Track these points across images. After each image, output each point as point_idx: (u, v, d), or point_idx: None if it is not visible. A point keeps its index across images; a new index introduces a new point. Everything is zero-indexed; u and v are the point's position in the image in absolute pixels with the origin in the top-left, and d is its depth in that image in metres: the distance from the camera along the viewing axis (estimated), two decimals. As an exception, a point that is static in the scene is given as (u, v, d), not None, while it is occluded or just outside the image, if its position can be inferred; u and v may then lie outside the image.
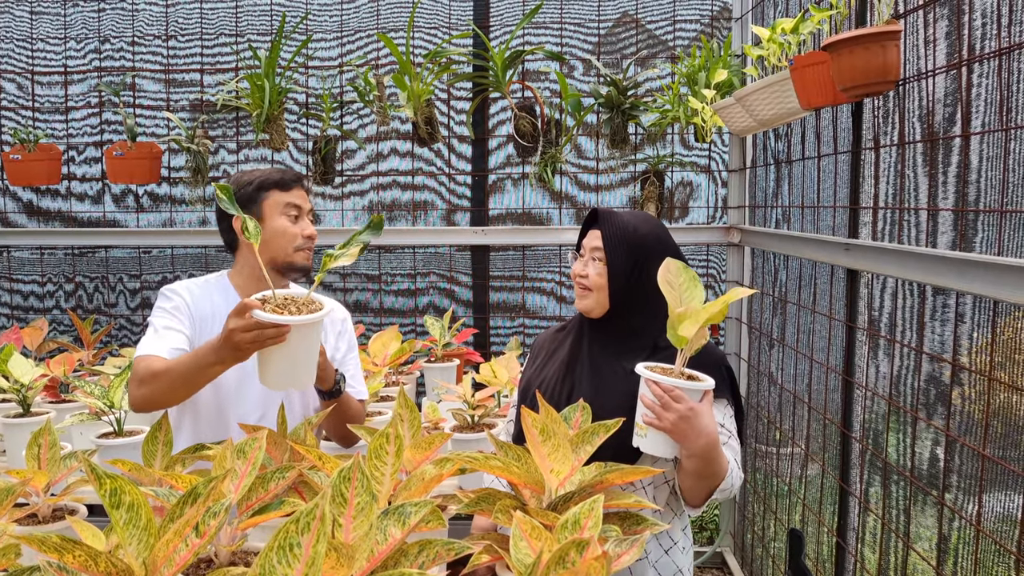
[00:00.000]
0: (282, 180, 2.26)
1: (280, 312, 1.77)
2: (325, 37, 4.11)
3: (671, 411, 1.66)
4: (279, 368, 1.82)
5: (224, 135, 4.19)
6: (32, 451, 1.88)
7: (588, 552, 1.05)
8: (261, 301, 1.80)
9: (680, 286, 1.75)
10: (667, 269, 1.77)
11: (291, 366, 1.82)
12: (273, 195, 2.24)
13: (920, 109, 2.16)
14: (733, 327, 3.97)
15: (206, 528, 1.27)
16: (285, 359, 1.80)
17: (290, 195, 2.25)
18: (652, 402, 1.69)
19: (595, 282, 1.96)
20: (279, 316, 1.74)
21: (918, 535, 2.26)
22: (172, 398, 2.03)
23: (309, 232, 2.26)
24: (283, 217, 2.23)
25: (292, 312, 1.78)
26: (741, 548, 3.93)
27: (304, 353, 1.82)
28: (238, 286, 2.30)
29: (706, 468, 1.73)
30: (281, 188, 2.25)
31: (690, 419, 1.66)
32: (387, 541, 1.26)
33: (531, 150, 3.64)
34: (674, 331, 1.70)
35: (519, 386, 2.14)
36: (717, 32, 3.97)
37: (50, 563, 1.22)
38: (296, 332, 1.77)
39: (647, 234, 2.00)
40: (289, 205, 2.24)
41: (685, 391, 1.68)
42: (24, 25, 4.24)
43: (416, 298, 4.28)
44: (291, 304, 1.83)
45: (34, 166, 3.89)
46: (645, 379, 1.72)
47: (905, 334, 2.29)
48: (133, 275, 4.32)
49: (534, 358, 2.16)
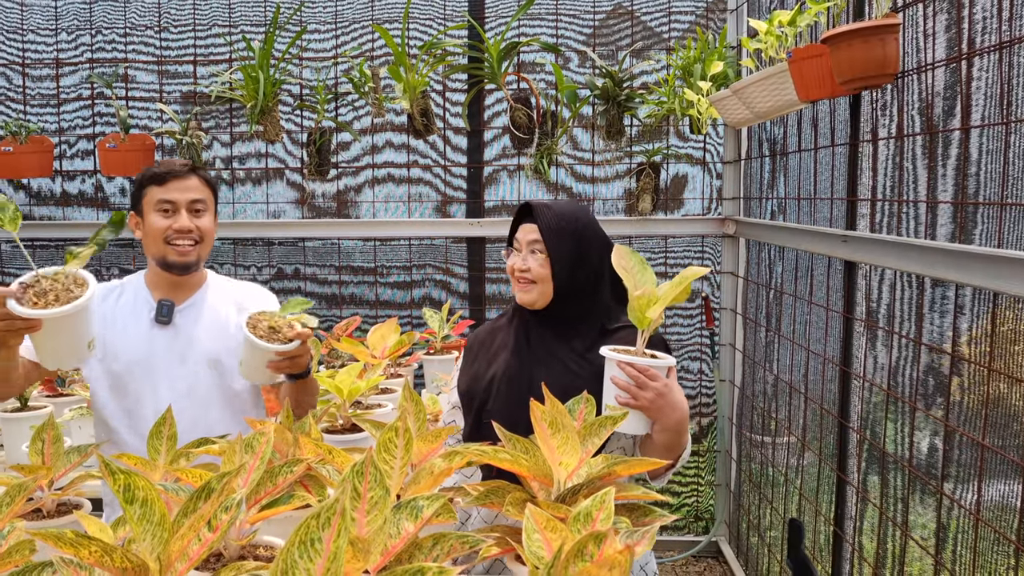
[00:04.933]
0: (156, 175, 2.25)
1: (37, 300, 1.78)
2: (320, 28, 4.09)
3: (648, 390, 1.74)
4: (44, 350, 1.88)
5: (218, 127, 4.18)
6: (36, 446, 1.88)
7: (606, 545, 1.06)
8: (24, 287, 1.80)
9: (632, 269, 1.80)
10: (619, 255, 1.82)
11: (56, 347, 1.88)
12: (150, 191, 2.25)
13: (919, 102, 2.17)
14: (728, 318, 3.99)
15: (218, 523, 1.27)
16: (47, 341, 1.85)
17: (164, 189, 2.24)
18: (627, 383, 1.75)
19: (538, 274, 1.98)
20: (27, 310, 1.75)
21: (916, 524, 2.28)
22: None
23: (179, 226, 2.23)
24: (156, 213, 2.24)
25: (51, 298, 1.79)
26: (736, 537, 3.96)
27: (67, 336, 1.86)
28: (148, 283, 2.34)
29: (676, 440, 1.81)
30: (157, 183, 2.25)
31: (666, 395, 1.74)
32: (400, 535, 1.27)
33: (527, 142, 3.64)
34: (639, 313, 1.76)
35: (458, 386, 2.12)
36: (712, 23, 3.98)
37: (64, 559, 1.22)
38: (52, 321, 1.79)
39: (586, 223, 2.04)
40: (162, 201, 2.24)
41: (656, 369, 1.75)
42: (14, 16, 4.21)
43: (412, 290, 4.28)
44: (55, 288, 1.83)
45: (25, 159, 3.86)
46: (617, 361, 1.77)
47: (903, 325, 2.31)
48: (126, 269, 4.31)
49: (472, 357, 2.14)
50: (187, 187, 2.25)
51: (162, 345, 2.27)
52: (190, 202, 2.25)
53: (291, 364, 2.05)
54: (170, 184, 2.24)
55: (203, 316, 2.32)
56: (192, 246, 2.25)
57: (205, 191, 2.29)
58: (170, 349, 2.27)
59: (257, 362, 2.03)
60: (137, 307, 2.30)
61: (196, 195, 2.26)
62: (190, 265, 2.27)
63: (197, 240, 2.26)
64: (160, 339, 2.27)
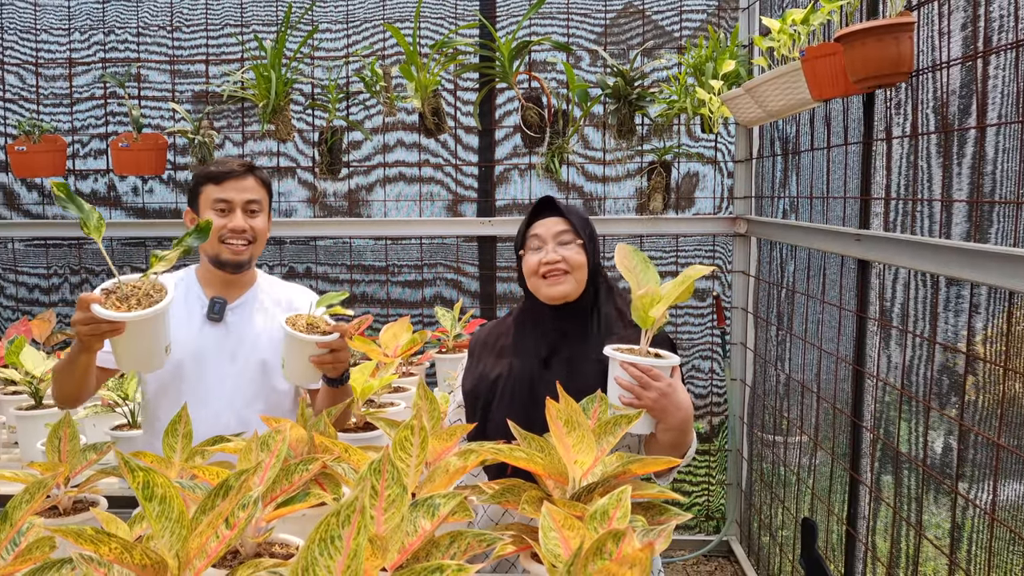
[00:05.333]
0: (213, 174, 2.28)
1: (120, 305, 1.84)
2: (331, 27, 4.10)
3: (651, 390, 1.74)
4: (124, 353, 1.94)
5: (229, 126, 4.19)
6: (52, 443, 1.89)
7: (624, 543, 1.06)
8: (106, 292, 1.87)
9: (635, 269, 1.80)
10: (622, 254, 1.82)
11: (135, 352, 1.94)
12: (207, 189, 2.28)
13: (934, 100, 2.17)
14: (739, 317, 3.98)
15: (236, 520, 1.28)
16: (128, 346, 1.91)
17: (221, 189, 2.27)
18: (630, 383, 1.75)
19: (575, 262, 1.98)
20: (113, 313, 1.81)
21: (930, 524, 2.28)
22: (68, 391, 2.14)
23: (233, 225, 2.26)
24: (212, 212, 2.26)
25: (133, 302, 1.85)
26: (748, 537, 3.95)
27: (145, 340, 1.91)
28: (200, 278, 2.37)
29: (680, 439, 1.82)
30: (214, 182, 2.28)
31: (669, 395, 1.75)
32: (417, 533, 1.27)
33: (538, 141, 3.63)
34: (642, 312, 1.76)
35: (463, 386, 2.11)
36: (724, 22, 3.97)
37: (83, 555, 1.23)
38: (133, 325, 1.84)
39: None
40: (218, 200, 2.26)
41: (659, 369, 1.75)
42: (28, 16, 4.23)
43: (423, 289, 4.28)
44: (136, 294, 1.89)
45: (39, 158, 3.88)
46: (620, 361, 1.77)
47: (917, 324, 2.30)
48: (139, 267, 4.32)
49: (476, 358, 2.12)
50: (243, 187, 2.28)
51: (213, 342, 2.30)
52: (245, 202, 2.28)
53: (333, 359, 2.07)
54: (227, 184, 2.27)
55: (254, 315, 2.35)
56: (245, 246, 2.28)
57: (261, 191, 2.32)
58: (220, 347, 2.29)
59: (298, 358, 2.06)
60: (189, 302, 2.33)
61: (252, 195, 2.29)
62: (242, 264, 2.30)
63: (250, 240, 2.29)
64: (211, 336, 2.30)
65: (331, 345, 2.05)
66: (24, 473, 1.85)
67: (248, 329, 2.33)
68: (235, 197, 2.27)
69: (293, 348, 2.06)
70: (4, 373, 3.04)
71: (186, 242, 1.89)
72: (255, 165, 2.35)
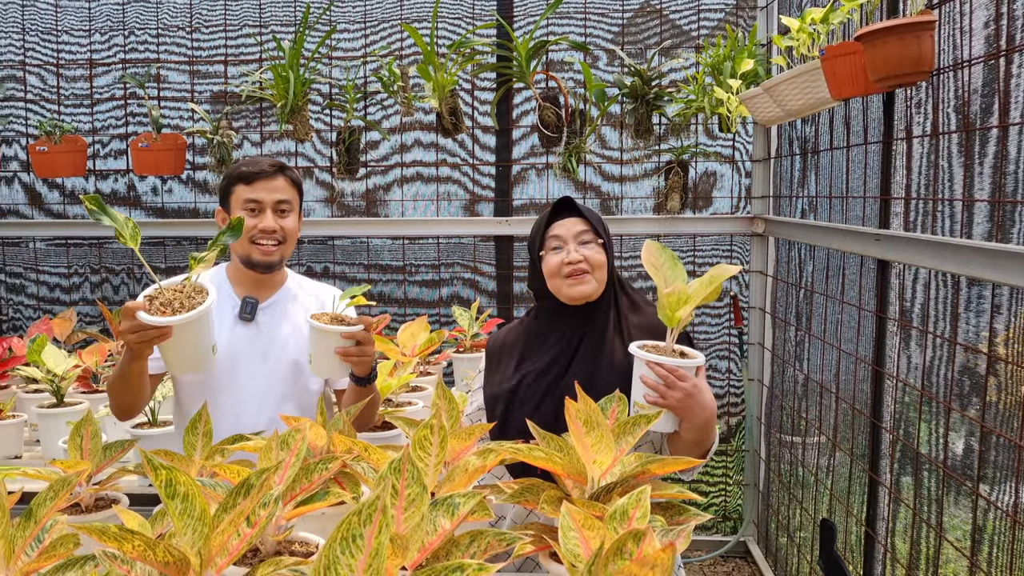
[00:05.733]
0: (245, 174, 2.28)
1: (164, 309, 1.87)
2: (349, 27, 4.12)
3: (677, 390, 1.73)
4: (173, 357, 1.98)
5: (248, 126, 4.21)
6: (75, 441, 1.90)
7: (645, 543, 1.06)
8: (149, 299, 1.90)
9: (663, 267, 1.79)
10: (649, 251, 1.81)
11: (183, 355, 1.97)
12: (238, 189, 2.28)
13: (956, 99, 2.15)
14: (757, 317, 3.96)
15: (257, 519, 1.29)
16: (176, 349, 1.95)
17: (251, 189, 2.27)
18: (656, 382, 1.75)
19: (596, 261, 1.98)
20: (158, 318, 1.84)
21: (950, 526, 2.26)
22: (126, 401, 2.17)
23: (263, 226, 2.26)
24: (242, 212, 2.27)
25: (177, 306, 1.89)
26: (765, 537, 3.94)
27: (192, 342, 1.95)
28: (230, 277, 2.38)
29: (703, 436, 1.81)
30: (244, 182, 2.28)
31: (695, 395, 1.74)
32: (437, 532, 1.27)
33: (555, 140, 3.63)
34: (668, 311, 1.75)
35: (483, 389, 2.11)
36: (742, 21, 3.96)
37: (106, 552, 1.24)
38: (179, 328, 1.88)
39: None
40: (249, 200, 2.27)
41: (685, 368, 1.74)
42: (49, 17, 4.27)
43: (440, 289, 4.29)
44: (179, 298, 1.92)
45: (60, 158, 3.91)
46: (646, 361, 1.76)
47: (938, 325, 2.29)
48: (157, 267, 4.35)
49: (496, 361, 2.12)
50: (274, 187, 2.28)
51: (244, 342, 2.30)
52: (276, 202, 2.29)
53: (359, 352, 2.07)
54: (257, 184, 2.27)
55: (285, 315, 2.36)
56: (275, 246, 2.29)
57: (291, 192, 2.32)
58: (252, 346, 2.30)
59: (325, 350, 2.07)
60: (220, 302, 2.33)
61: (282, 196, 2.29)
62: (272, 265, 2.32)
63: (280, 240, 2.30)
64: (243, 336, 2.31)
65: (356, 336, 2.06)
66: (47, 471, 1.86)
67: (279, 329, 2.34)
68: (265, 197, 2.27)
69: (319, 341, 2.08)
70: (26, 371, 3.07)
71: (221, 241, 1.91)
72: (286, 165, 2.34)
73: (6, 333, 4.28)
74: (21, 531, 1.35)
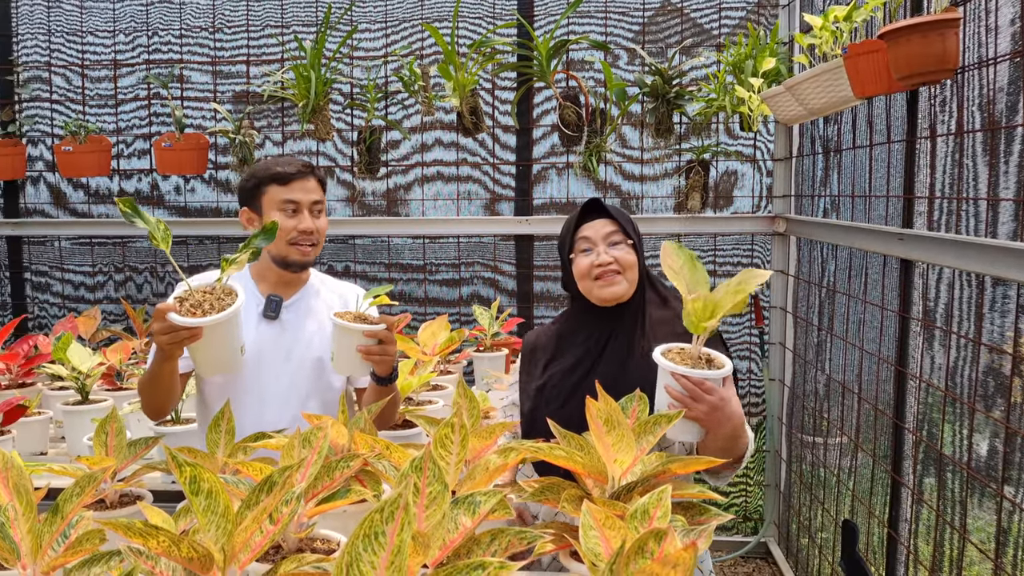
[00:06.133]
0: (280, 175, 2.27)
1: (194, 311, 1.89)
2: (370, 27, 4.13)
3: (703, 403, 1.68)
4: (203, 358, 2.00)
5: (269, 126, 4.24)
6: (100, 438, 1.93)
7: (666, 542, 1.06)
8: (179, 300, 1.92)
9: (681, 270, 1.73)
10: (667, 253, 1.75)
11: (214, 356, 2.00)
12: (272, 190, 2.27)
13: (980, 97, 2.13)
14: (778, 316, 3.94)
15: (279, 516, 1.30)
16: (207, 351, 1.97)
17: (288, 189, 2.27)
18: (681, 394, 1.69)
19: (627, 262, 1.97)
20: (189, 319, 1.87)
21: (974, 528, 2.24)
22: (158, 401, 2.19)
23: (304, 227, 2.27)
24: (279, 213, 2.26)
25: (207, 307, 1.91)
26: (786, 538, 3.92)
27: (222, 343, 1.97)
28: (254, 275, 2.38)
29: (731, 444, 1.78)
30: (280, 183, 2.27)
31: (721, 408, 1.69)
32: (458, 530, 1.28)
33: (575, 140, 3.63)
34: (695, 319, 1.70)
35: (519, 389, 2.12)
36: (763, 19, 3.94)
37: (131, 548, 1.26)
38: (209, 329, 1.90)
39: None
40: (287, 201, 2.26)
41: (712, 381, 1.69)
42: (74, 18, 4.31)
43: (460, 288, 4.30)
44: (208, 299, 1.94)
45: (85, 158, 3.96)
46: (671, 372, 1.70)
47: (962, 325, 2.27)
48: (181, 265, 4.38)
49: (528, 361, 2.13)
50: (308, 188, 2.29)
51: (269, 340, 2.31)
52: (312, 203, 2.30)
53: (381, 351, 2.08)
54: (294, 184, 2.27)
55: (309, 313, 2.37)
56: (312, 247, 2.31)
57: (320, 192, 2.34)
58: (276, 345, 2.31)
59: (347, 348, 2.09)
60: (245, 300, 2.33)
61: (316, 196, 2.31)
62: (308, 265, 2.34)
63: (316, 241, 2.31)
64: (267, 334, 2.32)
65: (378, 335, 2.07)
66: (73, 467, 1.89)
67: (303, 327, 2.34)
68: (302, 198, 2.28)
69: (341, 338, 2.09)
70: (51, 369, 3.10)
71: (254, 244, 1.92)
72: (314, 165, 2.36)
73: (32, 331, 4.33)
74: (48, 527, 1.36)
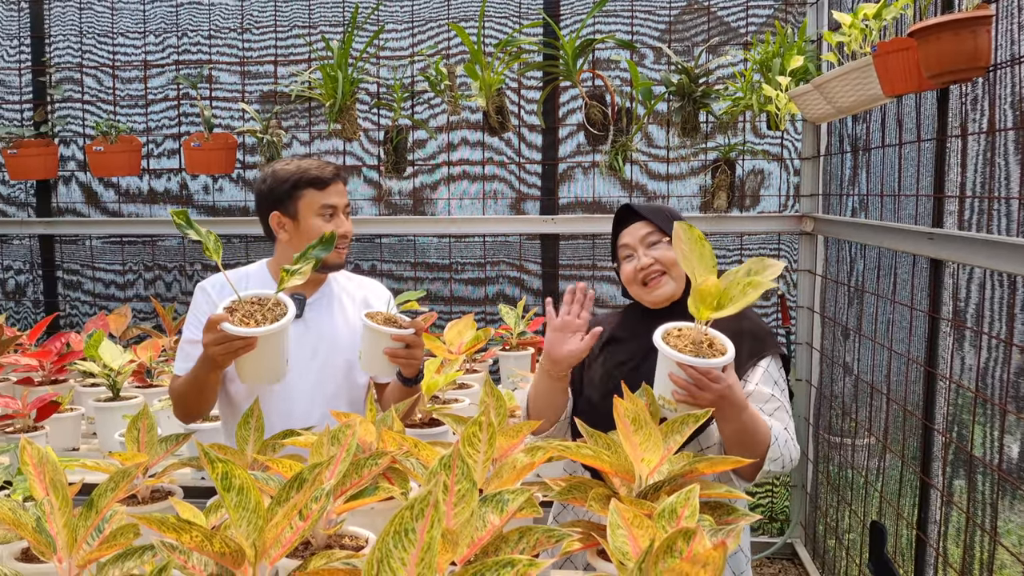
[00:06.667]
0: (318, 179, 2.28)
1: (247, 320, 1.90)
2: (396, 27, 4.15)
3: (708, 391, 1.67)
4: (252, 368, 2.01)
5: (297, 125, 4.27)
6: (132, 434, 1.95)
7: (695, 542, 1.06)
8: (230, 310, 1.93)
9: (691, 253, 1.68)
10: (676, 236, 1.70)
11: (262, 366, 2.01)
12: (309, 194, 2.28)
13: (1012, 95, 2.11)
14: (805, 316, 3.92)
15: (309, 512, 1.31)
16: (256, 361, 1.98)
17: (325, 194, 2.28)
18: (687, 382, 1.67)
19: (668, 259, 1.96)
20: (245, 329, 1.88)
21: (1005, 530, 2.22)
22: (198, 406, 2.23)
23: (343, 230, 2.29)
24: (318, 218, 2.28)
25: (259, 317, 1.92)
26: (813, 539, 3.89)
27: (272, 354, 1.98)
28: (274, 273, 2.38)
29: (747, 435, 1.76)
30: (317, 187, 2.28)
31: (727, 396, 1.68)
32: (486, 528, 1.29)
33: (601, 139, 3.63)
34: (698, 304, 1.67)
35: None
36: (791, 17, 3.92)
37: (164, 542, 1.28)
38: (263, 339, 1.91)
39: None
40: (325, 206, 2.28)
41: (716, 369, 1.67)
42: (105, 20, 4.37)
43: (485, 287, 4.31)
44: (259, 309, 1.96)
45: (115, 158, 4.01)
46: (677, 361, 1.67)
47: (993, 325, 2.24)
48: (208, 264, 4.43)
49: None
50: (341, 192, 2.33)
51: (294, 338, 2.30)
52: (345, 206, 2.34)
53: (408, 355, 2.10)
54: (331, 189, 2.30)
55: (333, 311, 2.39)
56: (346, 248, 2.35)
57: (347, 194, 2.38)
58: (301, 343, 2.32)
59: (374, 349, 2.11)
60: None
61: (346, 199, 2.36)
62: (343, 266, 2.38)
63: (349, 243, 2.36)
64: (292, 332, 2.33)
65: (406, 339, 2.09)
66: (105, 463, 1.91)
67: (327, 324, 2.36)
68: (339, 202, 2.31)
69: (370, 339, 2.11)
70: (83, 366, 3.15)
71: (311, 255, 1.93)
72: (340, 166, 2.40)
73: (63, 329, 4.39)
74: (83, 521, 1.39)
